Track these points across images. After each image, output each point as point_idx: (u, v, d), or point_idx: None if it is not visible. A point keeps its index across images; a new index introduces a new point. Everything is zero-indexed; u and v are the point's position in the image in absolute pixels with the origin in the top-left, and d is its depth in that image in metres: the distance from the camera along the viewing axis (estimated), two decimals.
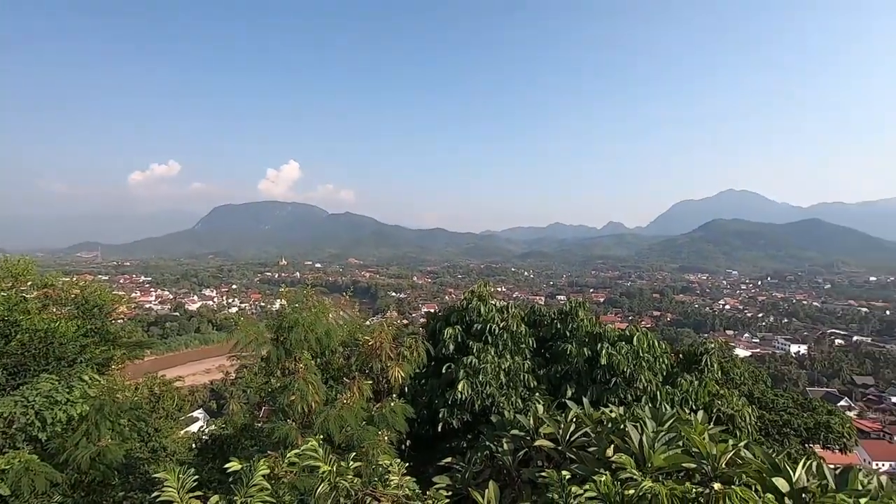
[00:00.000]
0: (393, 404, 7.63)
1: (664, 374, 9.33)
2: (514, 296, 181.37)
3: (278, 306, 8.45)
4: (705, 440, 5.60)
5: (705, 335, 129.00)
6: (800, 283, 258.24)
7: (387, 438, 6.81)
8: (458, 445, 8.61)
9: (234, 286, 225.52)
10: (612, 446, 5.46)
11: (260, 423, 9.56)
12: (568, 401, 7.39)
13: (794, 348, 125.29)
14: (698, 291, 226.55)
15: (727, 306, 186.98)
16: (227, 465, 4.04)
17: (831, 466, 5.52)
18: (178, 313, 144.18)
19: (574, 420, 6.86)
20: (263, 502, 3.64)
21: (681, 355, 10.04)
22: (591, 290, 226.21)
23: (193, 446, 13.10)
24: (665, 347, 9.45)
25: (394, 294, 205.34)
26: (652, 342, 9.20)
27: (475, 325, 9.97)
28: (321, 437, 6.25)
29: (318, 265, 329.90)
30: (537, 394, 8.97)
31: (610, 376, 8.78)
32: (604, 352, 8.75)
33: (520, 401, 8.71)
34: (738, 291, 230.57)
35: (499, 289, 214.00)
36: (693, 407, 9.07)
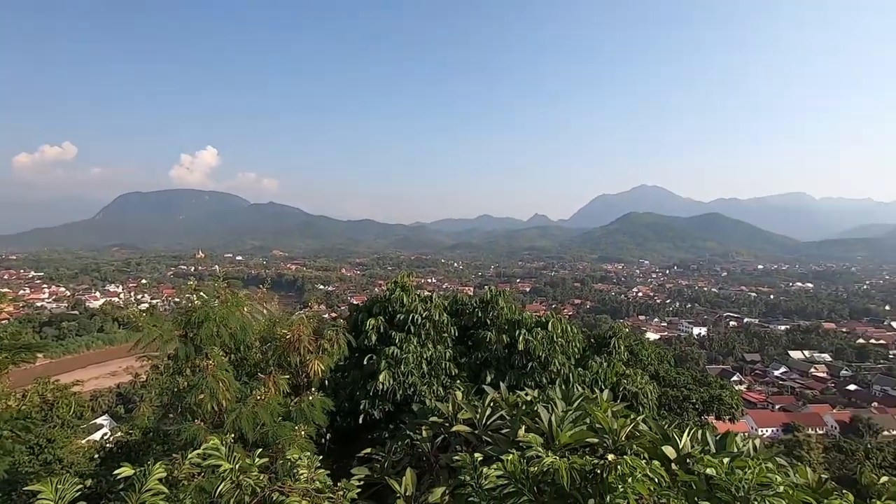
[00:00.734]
0: (311, 398, 7.46)
1: (576, 357, 9.90)
2: (444, 287, 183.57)
3: (186, 301, 7.92)
4: (608, 417, 6.03)
5: (621, 320, 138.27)
6: (701, 272, 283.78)
7: (304, 433, 6.65)
8: (381, 436, 8.60)
9: (144, 281, 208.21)
10: (523, 427, 5.72)
11: (166, 426, 8.97)
12: (486, 386, 7.62)
13: (696, 331, 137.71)
14: (615, 280, 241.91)
15: (640, 293, 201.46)
16: (117, 472, 3.74)
17: (747, 434, 6.19)
18: (76, 311, 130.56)
19: (491, 404, 7.10)
20: None
21: (592, 339, 10.69)
22: (518, 280, 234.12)
23: (96, 455, 12.09)
24: (577, 332, 10.03)
25: (322, 287, 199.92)
26: (565, 327, 9.71)
27: (398, 316, 9.96)
28: (233, 435, 5.98)
29: (240, 258, 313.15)
30: (458, 381, 9.16)
31: (527, 361, 9.17)
32: (521, 338, 9.12)
33: (441, 389, 8.86)
34: (649, 280, 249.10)
35: (429, 280, 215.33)
36: (602, 386, 9.70)
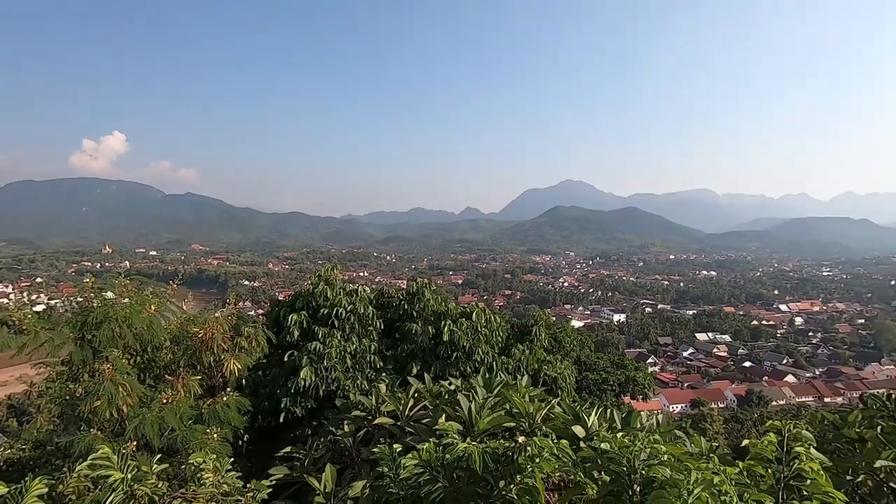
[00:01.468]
0: (226, 399, 7.10)
1: (500, 345, 10.20)
2: (377, 280, 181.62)
3: (86, 301, 7.24)
4: (526, 401, 6.28)
5: (548, 309, 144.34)
6: (621, 262, 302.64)
7: (217, 436, 6.30)
8: (303, 433, 8.37)
9: (40, 279, 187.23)
10: (443, 416, 5.81)
11: (59, 437, 8.16)
12: (411, 378, 7.65)
13: (616, 317, 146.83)
14: (543, 271, 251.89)
15: (566, 283, 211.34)
16: None
17: (641, 412, 6.64)
18: None
19: (414, 395, 7.15)
20: None
21: (515, 328, 11.06)
22: (451, 273, 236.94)
23: None
24: (500, 321, 10.33)
25: (247, 282, 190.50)
26: (489, 317, 9.97)
27: (322, 310, 9.71)
28: (135, 443, 5.55)
29: (154, 252, 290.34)
30: (384, 374, 9.12)
31: (452, 351, 9.31)
32: (446, 329, 9.24)
33: (366, 382, 8.78)
34: (574, 270, 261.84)
35: (361, 273, 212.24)
36: (523, 373, 10.08)
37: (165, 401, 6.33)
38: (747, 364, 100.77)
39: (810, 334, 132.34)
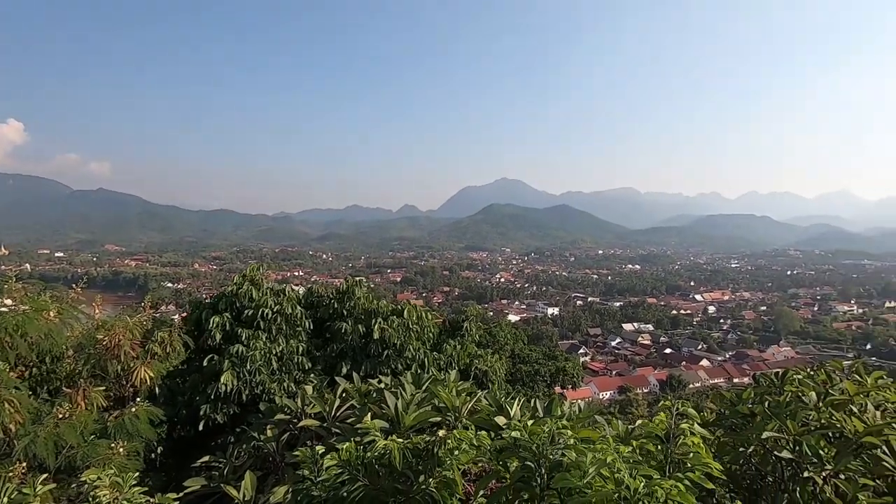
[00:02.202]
0: (136, 409, 6.61)
1: (432, 341, 10.27)
2: (313, 279, 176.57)
3: None
4: (453, 395, 6.36)
5: (486, 305, 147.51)
6: (554, 258, 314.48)
7: (124, 450, 5.85)
8: (225, 441, 7.99)
9: None
10: (369, 414, 5.75)
11: None
12: (339, 378, 7.51)
13: (550, 311, 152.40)
14: (480, 268, 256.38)
15: (502, 279, 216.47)
16: None
17: (565, 400, 6.92)
18: None
19: (341, 395, 7.02)
20: None
21: (447, 323, 11.18)
22: (389, 271, 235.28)
23: None
24: (432, 318, 10.40)
25: (170, 284, 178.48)
26: (421, 314, 10.00)
27: (246, 312, 9.30)
28: (24, 464, 5.03)
29: (61, 254, 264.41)
30: (312, 375, 8.90)
31: (383, 349, 9.25)
32: (376, 326, 9.16)
33: (293, 385, 8.52)
34: (510, 266, 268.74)
35: (296, 273, 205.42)
36: (456, 367, 10.21)
37: (62, 415, 5.79)
38: (668, 351, 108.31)
39: (721, 321, 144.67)
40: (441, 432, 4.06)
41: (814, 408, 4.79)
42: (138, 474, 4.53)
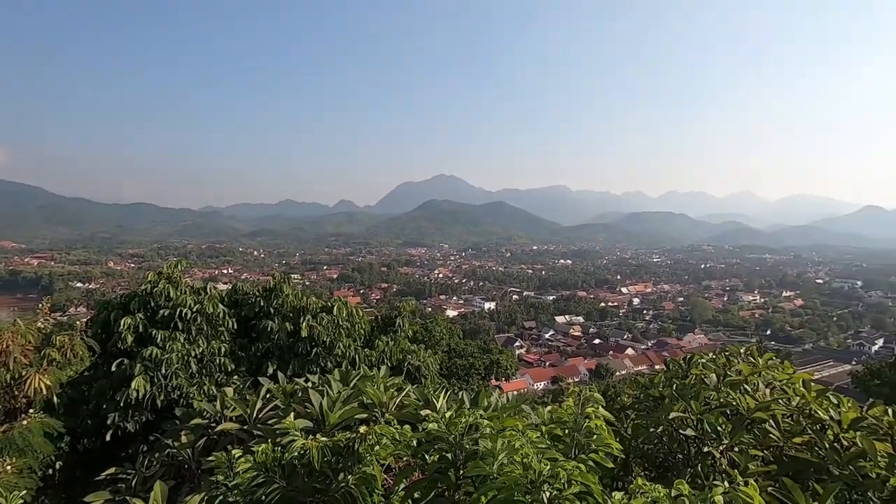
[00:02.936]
0: (27, 422, 6.00)
1: (363, 338, 10.14)
2: (243, 277, 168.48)
3: None
4: (381, 391, 6.32)
5: (424, 301, 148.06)
6: (490, 253, 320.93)
7: (12, 468, 5.29)
8: (136, 451, 7.45)
9: None
10: (292, 414, 5.59)
11: None
12: (263, 378, 7.22)
13: (487, 305, 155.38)
14: (418, 263, 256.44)
15: (440, 275, 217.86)
16: None
17: (511, 392, 7.04)
18: None
19: (265, 396, 6.77)
20: None
21: (379, 320, 11.09)
22: (325, 267, 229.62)
23: None
24: (363, 314, 10.27)
25: (80, 284, 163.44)
26: (351, 310, 9.84)
27: (162, 312, 8.70)
28: None
29: None
30: (236, 376, 8.50)
31: (311, 347, 9.01)
32: (304, 324, 8.90)
33: (214, 387, 8.09)
34: (448, 262, 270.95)
35: (224, 271, 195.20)
36: (389, 364, 10.16)
37: None
38: (597, 341, 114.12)
39: (644, 312, 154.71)
40: (363, 428, 4.03)
41: (714, 388, 5.26)
42: (29, 493, 4.11)
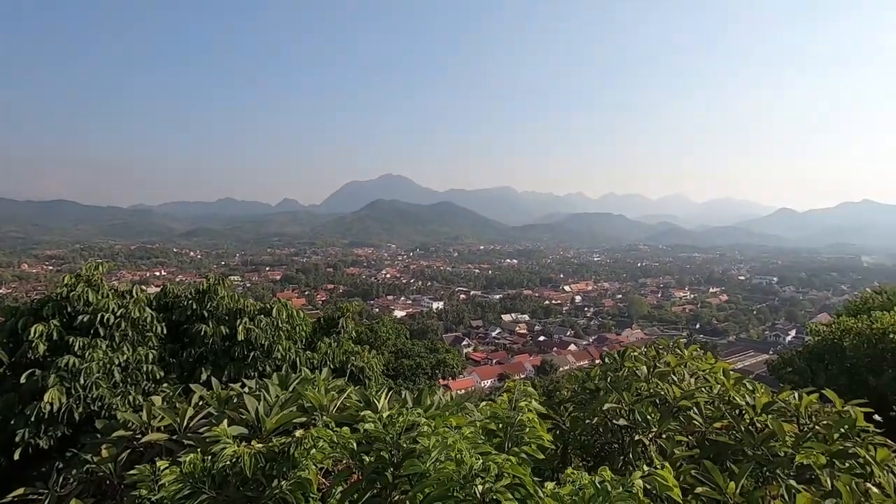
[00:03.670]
0: None
1: (305, 340, 9.88)
2: (178, 279, 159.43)
3: None
4: (320, 394, 6.18)
5: (371, 301, 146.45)
6: (438, 253, 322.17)
7: None
8: (52, 468, 6.85)
9: None
10: (225, 421, 5.35)
11: None
12: (195, 385, 6.86)
13: (435, 305, 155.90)
14: (365, 264, 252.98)
15: (388, 275, 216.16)
16: None
17: (458, 391, 7.05)
18: None
19: (197, 404, 6.43)
20: None
21: (322, 321, 10.86)
22: (268, 268, 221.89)
23: None
24: (305, 315, 10.00)
25: None
26: (291, 312, 9.56)
27: (81, 317, 8.06)
28: None
29: None
30: (166, 384, 8.02)
31: (248, 351, 8.67)
32: (241, 327, 8.55)
33: (141, 397, 7.60)
34: (395, 262, 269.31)
35: (157, 273, 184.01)
36: (332, 366, 9.96)
37: None
38: (542, 338, 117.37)
39: (586, 309, 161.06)
40: (298, 432, 3.92)
41: (644, 379, 5.56)
42: None
